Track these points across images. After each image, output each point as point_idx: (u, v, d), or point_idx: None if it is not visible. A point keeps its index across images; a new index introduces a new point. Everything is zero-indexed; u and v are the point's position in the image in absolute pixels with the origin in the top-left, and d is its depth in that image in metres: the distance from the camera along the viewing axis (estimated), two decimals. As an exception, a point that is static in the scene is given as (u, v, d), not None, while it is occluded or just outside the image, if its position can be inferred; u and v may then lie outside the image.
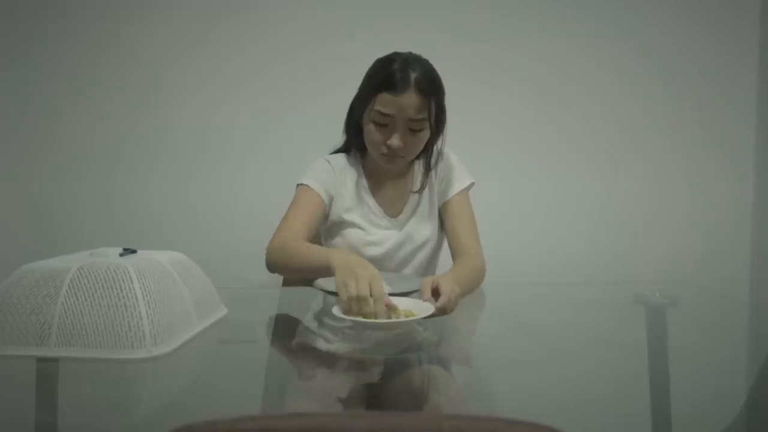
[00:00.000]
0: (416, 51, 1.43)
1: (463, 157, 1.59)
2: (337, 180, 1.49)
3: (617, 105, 2.28)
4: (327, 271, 1.21)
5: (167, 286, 0.92)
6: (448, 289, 1.09)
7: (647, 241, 2.28)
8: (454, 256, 1.45)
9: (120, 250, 0.94)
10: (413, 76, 1.35)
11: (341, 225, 1.47)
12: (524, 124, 2.26)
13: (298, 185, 1.47)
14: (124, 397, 0.80)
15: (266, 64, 2.18)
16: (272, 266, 1.36)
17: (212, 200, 2.18)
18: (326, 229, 1.51)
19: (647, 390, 0.83)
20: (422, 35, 2.11)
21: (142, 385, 0.84)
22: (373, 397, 0.80)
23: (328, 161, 1.51)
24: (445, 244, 1.54)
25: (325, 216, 1.48)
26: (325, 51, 2.17)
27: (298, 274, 1.37)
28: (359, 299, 1.03)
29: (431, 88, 1.38)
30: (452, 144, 1.56)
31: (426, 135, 1.42)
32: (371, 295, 1.03)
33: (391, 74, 1.35)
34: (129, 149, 2.18)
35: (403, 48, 1.45)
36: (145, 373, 0.85)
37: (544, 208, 2.27)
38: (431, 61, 1.42)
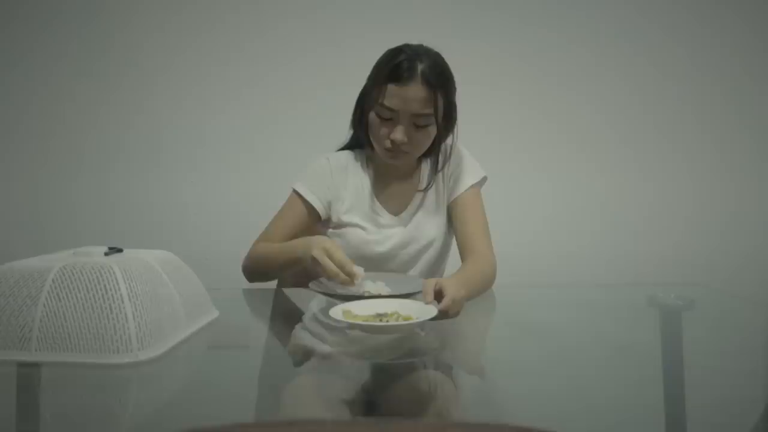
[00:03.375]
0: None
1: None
2: (336, 181, 1.44)
3: (632, 102, 2.26)
4: (297, 263, 1.27)
5: (155, 287, 0.88)
6: (452, 291, 1.05)
7: (661, 241, 2.25)
8: (462, 257, 1.39)
9: (105, 248, 0.90)
10: (420, 67, 1.30)
11: (342, 226, 1.43)
12: (532, 124, 2.25)
13: (292, 189, 1.44)
14: (109, 404, 0.77)
15: (262, 65, 2.17)
16: (246, 275, 1.40)
17: (206, 200, 2.18)
18: (329, 231, 1.46)
19: (661, 396, 0.79)
20: (421, 35, 2.08)
21: (128, 392, 0.81)
22: (372, 403, 0.77)
23: (328, 160, 1.46)
24: (454, 246, 1.47)
25: (323, 220, 1.45)
26: (322, 52, 2.16)
27: (274, 274, 1.41)
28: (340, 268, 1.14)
29: (439, 81, 1.32)
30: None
31: (432, 131, 1.36)
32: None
33: (397, 65, 1.30)
34: (124, 149, 2.18)
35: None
36: (131, 378, 0.81)
37: (555, 207, 2.26)
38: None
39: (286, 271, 1.38)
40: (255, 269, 1.38)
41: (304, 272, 1.29)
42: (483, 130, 2.19)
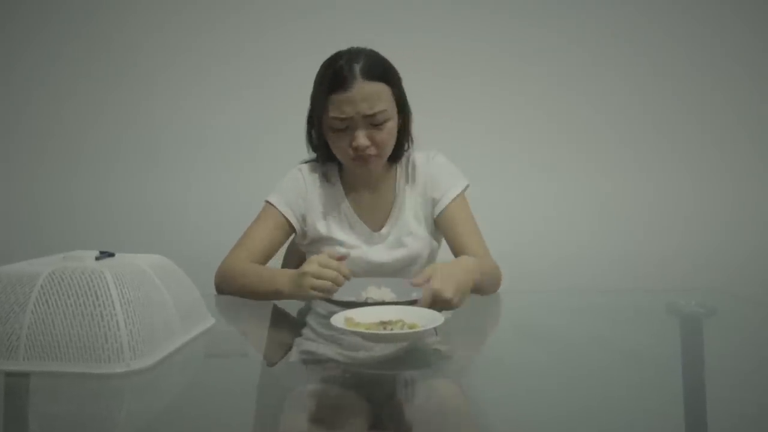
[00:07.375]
0: (415, 51, 1.41)
1: (465, 158, 1.52)
2: (310, 194, 1.41)
3: (632, 102, 2.24)
4: (276, 296, 1.22)
5: (148, 293, 0.85)
6: (437, 284, 1.05)
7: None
8: None
9: (96, 253, 0.87)
10: (357, 67, 1.29)
11: (320, 242, 1.39)
12: (532, 124, 2.23)
13: (265, 201, 1.41)
14: (100, 415, 0.74)
15: (262, 65, 2.16)
16: (219, 290, 1.34)
17: (206, 201, 2.17)
18: (306, 245, 1.44)
19: (681, 410, 0.76)
20: (421, 35, 2.10)
21: (120, 403, 0.79)
22: (377, 415, 0.74)
23: (301, 171, 1.44)
24: (442, 256, 1.44)
25: (300, 234, 1.42)
26: (322, 52, 2.11)
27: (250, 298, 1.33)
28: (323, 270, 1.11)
29: (381, 73, 1.31)
30: (451, 144, 1.50)
31: (393, 127, 1.33)
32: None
33: (336, 72, 1.29)
34: (123, 149, 2.17)
35: (402, 50, 1.40)
36: (123, 389, 0.79)
37: (555, 208, 2.24)
38: (431, 62, 1.36)
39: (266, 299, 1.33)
40: (230, 289, 1.32)
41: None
42: (483, 130, 2.19)
